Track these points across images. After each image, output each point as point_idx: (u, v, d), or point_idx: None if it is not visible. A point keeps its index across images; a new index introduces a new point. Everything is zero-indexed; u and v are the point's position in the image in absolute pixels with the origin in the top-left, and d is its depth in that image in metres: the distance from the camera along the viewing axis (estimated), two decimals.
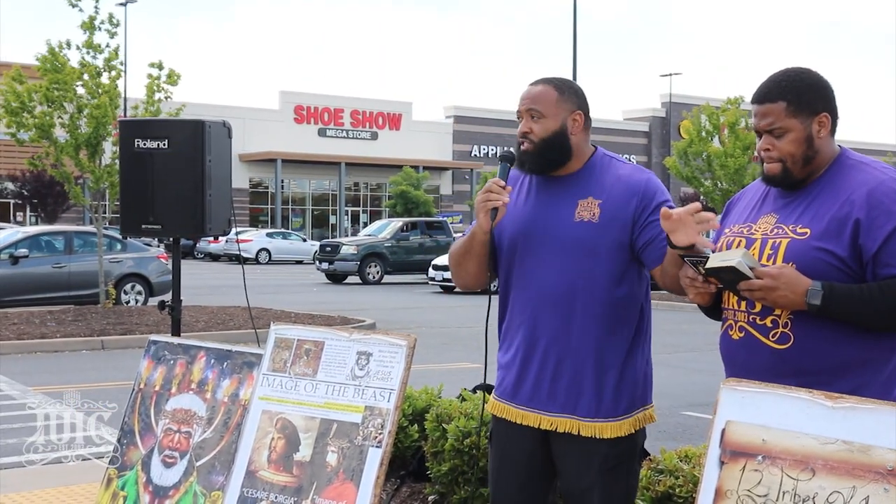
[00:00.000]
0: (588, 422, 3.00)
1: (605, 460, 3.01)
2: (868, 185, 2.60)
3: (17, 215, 43.66)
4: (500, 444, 3.19)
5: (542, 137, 3.02)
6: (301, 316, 15.39)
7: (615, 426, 3.01)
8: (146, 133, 5.26)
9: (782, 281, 2.53)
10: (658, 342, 14.43)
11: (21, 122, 15.26)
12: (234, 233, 5.35)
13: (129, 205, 5.34)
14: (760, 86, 2.74)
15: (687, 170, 26.44)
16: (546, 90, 3.05)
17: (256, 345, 3.90)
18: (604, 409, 3.01)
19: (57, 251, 17.33)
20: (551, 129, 3.02)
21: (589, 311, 2.99)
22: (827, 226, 2.59)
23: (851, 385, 2.54)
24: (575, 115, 3.05)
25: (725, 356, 2.80)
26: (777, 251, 2.63)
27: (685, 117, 30.35)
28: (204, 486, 3.65)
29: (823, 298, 2.51)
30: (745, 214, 2.84)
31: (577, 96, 3.08)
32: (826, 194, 2.66)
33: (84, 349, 12.56)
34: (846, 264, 2.57)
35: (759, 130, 2.72)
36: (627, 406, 3.04)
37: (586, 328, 3.00)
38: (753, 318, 2.68)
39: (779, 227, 2.68)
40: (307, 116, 54.63)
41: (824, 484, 2.24)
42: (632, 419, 3.05)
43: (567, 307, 3.00)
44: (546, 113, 3.02)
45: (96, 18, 15.47)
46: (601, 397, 3.01)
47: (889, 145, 65.50)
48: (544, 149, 3.03)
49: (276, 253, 40.74)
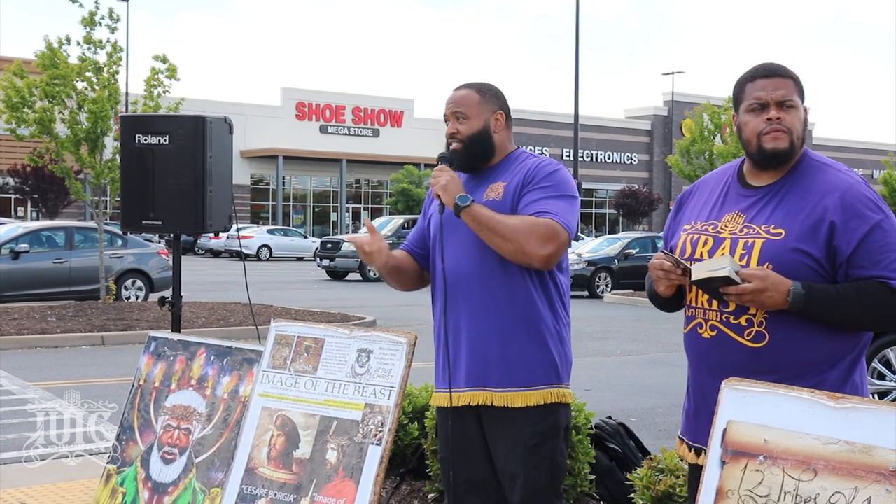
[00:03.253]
0: (507, 392, 3.20)
1: (531, 437, 3.20)
2: (839, 188, 2.65)
3: (18, 210, 43.68)
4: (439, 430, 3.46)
5: (468, 136, 3.30)
6: (301, 313, 15.38)
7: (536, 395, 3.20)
8: (147, 129, 5.25)
9: (769, 282, 2.57)
10: (659, 341, 14.42)
11: (21, 117, 15.25)
12: (234, 229, 5.34)
13: (129, 200, 5.34)
14: (764, 64, 2.79)
15: (689, 168, 26.47)
16: (469, 94, 3.33)
17: (258, 341, 3.89)
18: (521, 378, 3.19)
19: (58, 247, 17.33)
20: (476, 128, 3.30)
21: (491, 283, 3.21)
22: (801, 227, 2.63)
23: (817, 379, 2.61)
24: (496, 115, 3.34)
25: (694, 355, 2.84)
26: (751, 251, 2.66)
27: (687, 116, 30.34)
28: (203, 483, 3.64)
29: (805, 298, 2.57)
30: (705, 211, 2.85)
31: (497, 98, 3.37)
32: (795, 194, 2.69)
33: (84, 345, 12.56)
34: (821, 265, 2.62)
35: (768, 102, 2.71)
36: (546, 377, 3.21)
37: (490, 300, 3.21)
38: (727, 318, 2.70)
39: (749, 227, 2.71)
40: (309, 113, 54.60)
41: (826, 484, 2.23)
42: (552, 391, 3.22)
43: (480, 285, 3.22)
44: (470, 114, 3.30)
45: (96, 14, 15.47)
46: (517, 367, 3.19)
47: (889, 144, 65.42)
48: (470, 146, 3.30)
49: (277, 250, 40.77)
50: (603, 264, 23.58)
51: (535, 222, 3.11)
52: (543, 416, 3.22)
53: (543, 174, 3.23)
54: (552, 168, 3.26)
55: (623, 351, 12.95)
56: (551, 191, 3.20)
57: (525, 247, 3.10)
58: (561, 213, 3.15)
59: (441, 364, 3.34)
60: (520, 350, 3.21)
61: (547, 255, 3.11)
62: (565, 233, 3.13)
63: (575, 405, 4.68)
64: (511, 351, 3.21)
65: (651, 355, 12.67)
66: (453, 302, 3.29)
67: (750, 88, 2.75)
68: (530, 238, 3.09)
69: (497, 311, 3.21)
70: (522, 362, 3.21)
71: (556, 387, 3.24)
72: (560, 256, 3.17)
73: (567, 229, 3.13)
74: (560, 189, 3.22)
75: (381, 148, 55.46)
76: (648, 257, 24.34)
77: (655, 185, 63.95)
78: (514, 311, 3.21)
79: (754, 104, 2.73)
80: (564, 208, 3.17)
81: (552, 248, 3.11)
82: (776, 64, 2.79)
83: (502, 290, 3.21)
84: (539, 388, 3.21)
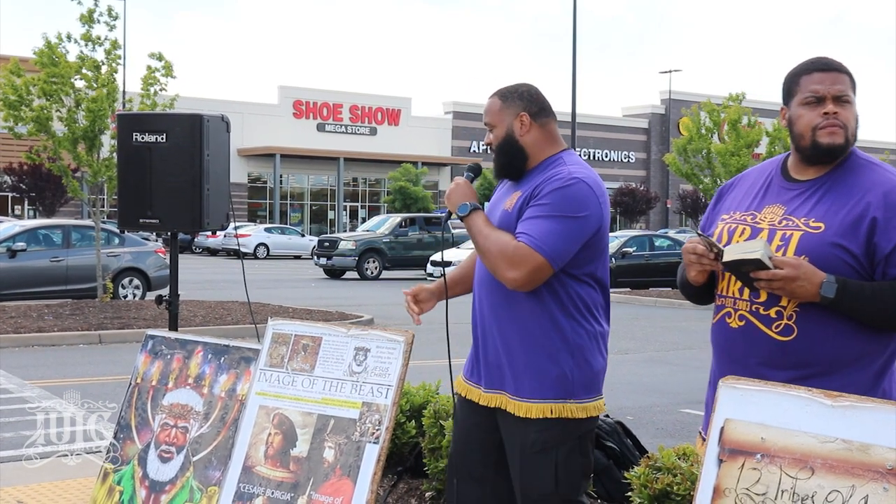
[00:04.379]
0: (514, 400, 3.19)
1: (533, 444, 3.17)
2: (884, 186, 2.62)
3: (15, 209, 43.64)
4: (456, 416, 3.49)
5: (496, 145, 3.29)
6: (299, 311, 15.37)
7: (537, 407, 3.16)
8: (144, 127, 5.25)
9: (802, 271, 2.53)
10: (657, 340, 14.40)
11: (19, 115, 15.22)
12: (232, 227, 5.33)
13: (126, 199, 5.33)
14: (820, 58, 2.75)
15: (686, 167, 26.44)
16: (492, 102, 3.31)
17: (256, 339, 3.89)
18: (527, 389, 3.17)
19: (55, 245, 17.31)
20: (500, 136, 3.27)
21: (508, 290, 3.16)
22: (842, 222, 2.60)
23: (845, 380, 2.57)
24: (520, 117, 3.25)
25: (719, 345, 2.79)
26: (788, 243, 2.63)
27: (685, 114, 30.33)
28: (200, 481, 3.64)
29: (837, 292, 2.53)
30: (745, 202, 2.83)
31: (521, 99, 3.28)
32: (838, 190, 2.66)
33: (81, 343, 12.55)
34: (859, 262, 2.58)
35: (825, 96, 2.67)
36: (552, 390, 3.15)
37: (506, 307, 3.20)
38: (757, 308, 2.67)
39: (788, 219, 2.68)
40: (306, 111, 54.56)
41: (823, 483, 2.23)
42: (556, 405, 3.16)
43: (497, 291, 3.21)
44: (495, 122, 3.29)
45: (95, 11, 15.44)
46: (523, 377, 3.17)
47: (887, 143, 65.50)
48: (499, 154, 3.30)
49: (274, 248, 40.75)
50: None
51: (507, 243, 3.07)
52: (548, 425, 3.15)
53: (547, 190, 3.11)
54: (560, 184, 3.10)
55: (620, 349, 12.95)
56: (545, 210, 3.08)
57: (495, 268, 3.10)
58: (541, 235, 3.04)
59: (471, 356, 3.38)
60: (527, 361, 3.16)
61: (513, 279, 3.05)
62: (539, 257, 3.02)
63: None
64: (518, 360, 3.18)
65: (648, 354, 12.68)
66: (479, 298, 3.33)
67: (806, 81, 2.70)
68: (499, 260, 3.08)
69: (510, 318, 3.19)
70: (527, 374, 3.17)
71: (563, 401, 3.15)
72: (535, 280, 3.06)
73: (543, 253, 3.02)
74: (555, 209, 3.07)
75: (379, 146, 55.43)
76: (646, 256, 24.50)
77: (653, 183, 63.98)
78: (526, 321, 3.16)
79: (810, 97, 2.68)
80: (549, 230, 3.04)
81: (518, 273, 3.03)
82: (832, 59, 2.74)
83: (516, 298, 3.16)
84: (541, 401, 3.15)
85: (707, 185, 26.02)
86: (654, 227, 56.58)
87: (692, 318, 16.39)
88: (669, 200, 60.37)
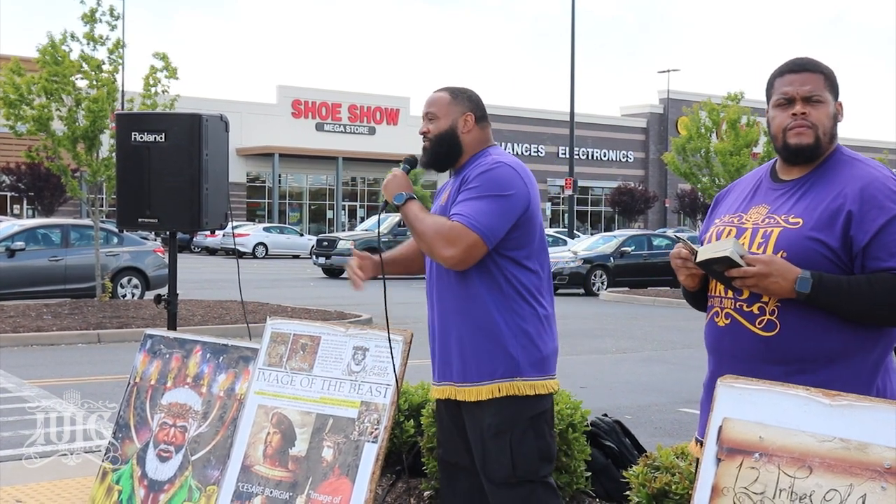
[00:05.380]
0: (463, 387, 3.29)
1: (488, 428, 3.26)
2: (862, 179, 2.63)
3: (14, 208, 43.60)
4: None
5: (435, 135, 3.42)
6: (297, 310, 15.36)
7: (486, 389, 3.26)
8: (143, 126, 5.25)
9: (774, 267, 2.55)
10: (654, 339, 14.43)
11: (19, 114, 15.21)
12: (230, 227, 5.33)
13: (125, 198, 5.33)
14: (795, 59, 2.77)
15: (685, 166, 26.43)
16: (441, 95, 3.46)
17: (248, 339, 3.89)
18: (475, 373, 3.27)
19: (53, 244, 17.30)
20: (443, 128, 3.42)
21: (449, 282, 3.31)
22: (819, 216, 2.61)
23: (832, 376, 2.57)
24: (466, 116, 3.42)
25: (710, 343, 2.82)
26: (768, 240, 2.66)
27: (685, 113, 30.34)
28: (199, 481, 3.64)
29: (812, 287, 2.54)
30: (735, 205, 2.86)
31: (469, 101, 3.47)
32: (819, 187, 2.68)
33: (80, 342, 12.54)
34: (837, 255, 2.59)
35: (794, 97, 2.70)
36: (499, 370, 3.25)
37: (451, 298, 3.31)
38: (740, 305, 2.69)
39: (770, 217, 2.71)
40: (305, 111, 54.52)
41: (821, 482, 2.23)
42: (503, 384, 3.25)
43: (442, 283, 3.34)
44: (439, 114, 3.43)
45: (97, 10, 15.44)
46: (471, 362, 3.27)
47: (886, 142, 65.51)
48: (436, 145, 3.42)
49: (273, 247, 40.71)
50: (599, 262, 23.58)
51: (442, 224, 3.21)
52: (500, 407, 3.26)
53: (474, 175, 3.30)
54: (484, 168, 3.30)
55: (619, 349, 12.96)
56: (475, 192, 3.24)
57: (433, 248, 3.22)
58: (473, 214, 3.19)
59: (433, 356, 3.47)
60: (473, 346, 3.28)
61: (450, 257, 3.19)
62: (472, 235, 3.17)
63: (571, 403, 4.69)
64: (465, 347, 3.29)
65: (647, 353, 12.68)
66: (430, 298, 3.44)
67: (779, 83, 2.74)
68: (436, 239, 3.20)
69: (454, 308, 3.31)
70: (475, 358, 3.28)
71: (510, 380, 3.26)
72: (471, 258, 3.20)
73: (476, 230, 3.17)
74: (485, 190, 3.24)
75: (377, 146, 55.39)
76: (644, 255, 24.49)
77: (651, 182, 63.96)
78: (468, 308, 3.28)
79: (781, 99, 2.72)
80: (480, 209, 3.20)
81: (455, 250, 3.17)
82: (807, 58, 2.76)
83: (458, 287, 3.30)
84: (490, 382, 3.26)
85: (705, 184, 26.01)
86: (653, 227, 56.54)
87: (690, 318, 16.36)
88: (668, 200, 60.37)
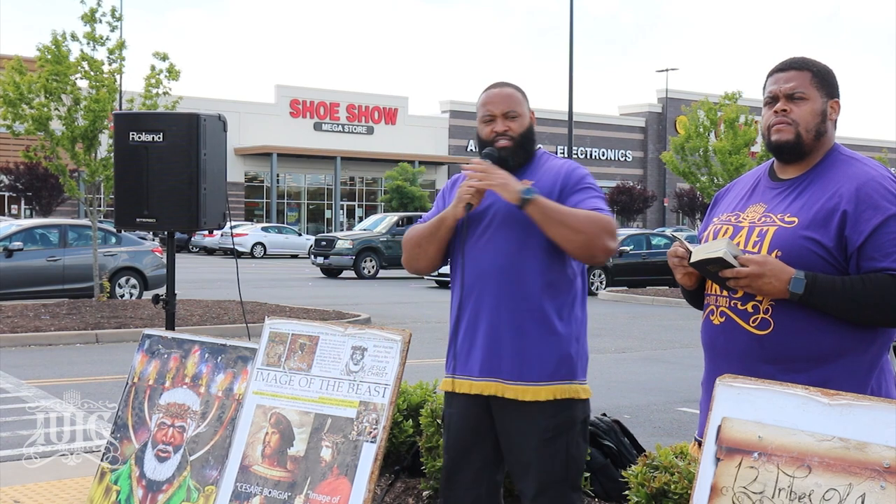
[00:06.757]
0: (517, 385, 3.23)
1: (545, 430, 3.23)
2: (858, 179, 2.63)
3: (12, 208, 43.58)
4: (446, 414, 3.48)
5: (520, 133, 3.37)
6: (296, 310, 15.36)
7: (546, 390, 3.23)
8: (141, 126, 5.25)
9: (767, 268, 2.55)
10: (654, 338, 14.43)
11: (18, 113, 15.19)
12: (228, 227, 5.33)
13: (123, 198, 5.32)
14: (784, 60, 2.80)
15: (684, 165, 26.45)
16: (515, 93, 3.42)
17: (247, 339, 3.88)
18: (535, 373, 3.22)
19: (51, 244, 17.30)
20: (526, 126, 3.40)
21: (518, 279, 3.25)
22: (815, 216, 2.62)
23: (826, 375, 2.57)
24: (532, 115, 3.46)
25: (705, 341, 2.83)
26: (763, 238, 2.66)
27: (683, 112, 30.34)
28: (198, 481, 3.64)
29: (806, 287, 2.54)
30: (734, 204, 2.87)
31: (527, 99, 3.48)
32: (816, 186, 2.69)
33: (78, 342, 12.54)
34: (832, 255, 2.59)
35: (777, 95, 2.73)
36: (559, 372, 3.24)
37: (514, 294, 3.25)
38: (735, 304, 2.70)
39: (767, 216, 2.71)
40: (303, 110, 54.50)
41: (820, 481, 2.23)
42: (564, 387, 3.25)
43: (508, 280, 3.26)
44: (519, 112, 3.39)
45: (97, 10, 15.43)
46: (531, 361, 3.22)
47: (885, 141, 65.53)
48: (523, 143, 3.38)
49: (272, 247, 40.71)
50: None
51: (601, 217, 3.22)
52: (557, 410, 3.25)
53: (580, 176, 3.35)
54: (584, 170, 3.40)
55: (618, 348, 12.96)
56: (593, 192, 3.32)
57: (595, 239, 3.17)
58: (607, 210, 3.31)
59: (451, 351, 3.40)
60: (535, 345, 3.24)
61: (612, 249, 3.24)
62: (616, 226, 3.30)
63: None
64: (525, 345, 3.24)
65: (646, 352, 12.69)
66: (476, 293, 3.31)
67: (768, 83, 2.78)
68: (600, 232, 3.19)
69: (516, 306, 3.25)
70: (536, 357, 3.24)
71: (569, 383, 3.27)
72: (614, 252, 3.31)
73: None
74: (599, 191, 3.37)
75: (376, 145, 55.39)
76: (643, 255, 24.49)
77: (650, 182, 63.98)
78: (533, 306, 3.24)
79: (767, 98, 2.76)
80: (606, 208, 3.33)
81: (615, 243, 3.24)
82: (798, 57, 2.79)
83: (524, 285, 3.25)
84: (550, 383, 3.24)
85: (704, 183, 26.03)
86: (651, 226, 56.58)
87: (689, 317, 16.40)
88: (666, 199, 60.43)
